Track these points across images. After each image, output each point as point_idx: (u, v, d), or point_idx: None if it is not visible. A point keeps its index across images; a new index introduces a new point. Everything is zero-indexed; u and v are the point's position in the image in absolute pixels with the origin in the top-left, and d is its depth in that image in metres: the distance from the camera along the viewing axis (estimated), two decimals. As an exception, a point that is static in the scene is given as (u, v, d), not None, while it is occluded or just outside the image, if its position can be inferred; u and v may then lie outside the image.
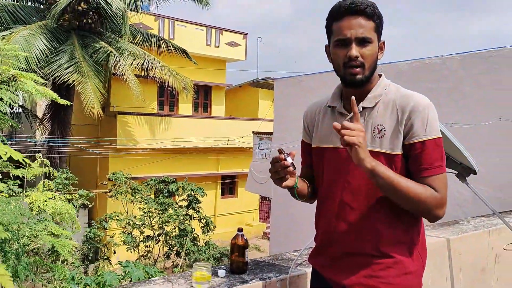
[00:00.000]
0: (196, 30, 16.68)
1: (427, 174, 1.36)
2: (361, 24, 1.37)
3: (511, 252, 2.81)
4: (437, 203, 1.35)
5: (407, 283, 1.42)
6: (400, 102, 1.40)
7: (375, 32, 1.40)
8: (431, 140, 1.36)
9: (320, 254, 1.59)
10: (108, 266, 9.25)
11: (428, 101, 1.40)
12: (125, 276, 3.61)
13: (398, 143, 1.39)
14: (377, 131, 1.41)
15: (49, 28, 11.43)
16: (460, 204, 5.80)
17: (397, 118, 1.39)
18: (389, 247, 1.42)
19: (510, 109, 5.51)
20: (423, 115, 1.37)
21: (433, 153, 1.36)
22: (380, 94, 1.44)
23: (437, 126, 1.38)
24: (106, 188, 12.09)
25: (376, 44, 1.41)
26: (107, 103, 14.21)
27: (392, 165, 1.39)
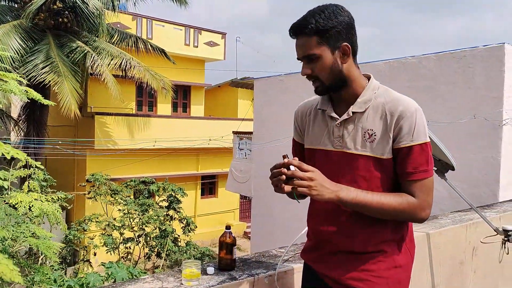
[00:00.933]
0: (174, 30, 16.59)
1: (411, 178, 1.40)
2: (303, 44, 1.42)
3: (488, 245, 2.91)
4: (415, 209, 1.39)
5: (397, 276, 1.47)
6: (389, 107, 1.42)
7: (321, 45, 1.40)
8: (418, 145, 1.39)
9: (312, 250, 1.63)
10: (88, 268, 9.13)
11: (416, 106, 1.42)
12: (108, 277, 3.59)
13: (388, 147, 1.41)
14: (368, 135, 1.44)
15: (24, 27, 11.20)
16: (437, 201, 5.93)
17: (386, 123, 1.41)
18: (379, 244, 1.47)
19: (483, 107, 5.68)
20: (411, 120, 1.39)
21: (419, 158, 1.39)
22: (370, 99, 1.45)
23: (424, 131, 1.41)
24: (84, 190, 11.93)
25: (326, 55, 1.40)
26: (84, 104, 14.01)
27: (382, 168, 1.43)
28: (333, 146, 1.50)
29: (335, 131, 1.50)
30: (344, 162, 1.48)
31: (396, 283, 1.47)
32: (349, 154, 1.46)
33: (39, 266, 3.69)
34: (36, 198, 2.25)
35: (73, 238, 9.03)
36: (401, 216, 1.42)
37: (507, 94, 5.61)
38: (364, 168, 1.44)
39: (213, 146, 13.40)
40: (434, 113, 5.96)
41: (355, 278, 1.46)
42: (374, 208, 1.38)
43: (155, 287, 1.64)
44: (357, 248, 1.48)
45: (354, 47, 1.45)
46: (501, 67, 5.56)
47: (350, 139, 1.47)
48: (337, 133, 1.49)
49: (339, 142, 1.49)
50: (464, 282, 2.92)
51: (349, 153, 1.47)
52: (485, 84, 5.71)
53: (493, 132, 5.61)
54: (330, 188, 1.34)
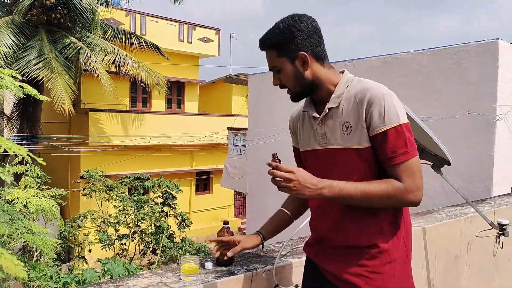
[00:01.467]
0: (168, 26, 16.52)
1: (392, 162, 1.40)
2: (268, 57, 1.54)
3: (483, 239, 2.94)
4: (402, 192, 1.39)
5: (392, 270, 1.48)
6: (359, 96, 1.45)
7: (280, 57, 1.50)
8: (392, 129, 1.39)
9: (313, 244, 1.68)
10: (83, 265, 9.11)
11: (384, 91, 1.43)
12: (105, 273, 3.58)
13: (364, 136, 1.43)
14: (345, 128, 1.47)
15: (17, 23, 11.11)
16: (431, 196, 5.98)
17: (358, 113, 1.44)
18: (374, 238, 1.48)
19: (477, 103, 5.72)
20: (380, 105, 1.40)
21: (396, 141, 1.39)
22: (342, 93, 1.50)
23: (396, 114, 1.41)
24: (79, 187, 11.89)
25: (286, 67, 1.50)
26: (78, 100, 13.93)
27: (363, 158, 1.45)
28: (319, 144, 1.55)
29: (318, 130, 1.55)
30: (330, 159, 1.52)
31: (391, 277, 1.48)
32: (333, 149, 1.51)
33: (35, 262, 3.67)
34: (33, 194, 2.24)
35: (68, 235, 9.01)
36: (391, 202, 1.42)
37: (501, 90, 5.64)
38: (346, 161, 1.47)
39: (207, 142, 13.37)
40: (428, 109, 5.98)
41: (352, 273, 1.48)
42: (360, 198, 1.40)
43: (153, 282, 1.65)
44: (352, 242, 1.50)
45: (317, 53, 1.50)
46: (494, 62, 5.59)
47: (331, 135, 1.51)
48: (320, 131, 1.55)
49: (323, 140, 1.54)
50: (459, 276, 2.95)
51: (332, 149, 1.51)
52: (479, 79, 5.74)
53: (487, 127, 5.65)
54: (311, 187, 1.37)
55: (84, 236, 9.59)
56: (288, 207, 1.80)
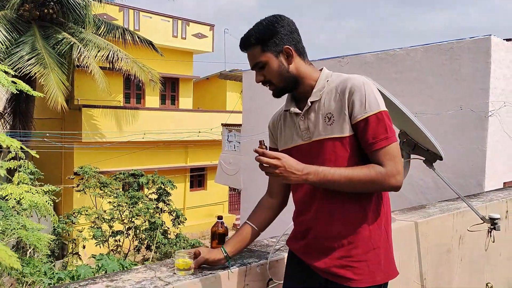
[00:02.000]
0: (162, 21, 16.45)
1: (374, 148, 1.45)
2: (251, 55, 1.57)
3: (475, 234, 2.97)
4: (384, 177, 1.43)
5: (376, 257, 1.53)
6: (340, 87, 1.51)
7: (265, 52, 1.54)
8: (373, 116, 1.45)
9: (297, 239, 1.69)
10: (77, 261, 9.09)
11: (363, 80, 1.50)
12: (99, 269, 3.58)
13: (346, 125, 1.48)
14: (327, 119, 1.52)
15: (9, 18, 11.02)
16: (423, 191, 6.03)
17: (340, 103, 1.49)
18: (357, 226, 1.52)
19: (470, 99, 5.76)
20: (361, 94, 1.46)
21: (377, 127, 1.44)
22: (323, 86, 1.55)
23: (376, 101, 1.46)
24: (72, 183, 11.85)
25: (271, 60, 1.54)
26: (71, 96, 13.87)
27: (346, 147, 1.50)
28: (303, 139, 1.59)
29: (301, 124, 1.59)
30: (314, 151, 1.55)
31: (377, 264, 1.52)
32: (317, 141, 1.55)
33: (29, 258, 3.66)
34: (26, 190, 2.24)
35: (62, 231, 8.99)
36: (373, 186, 1.46)
37: (493, 86, 5.69)
38: (330, 151, 1.51)
39: (202, 138, 13.40)
40: (422, 104, 6.02)
41: (338, 265, 1.52)
42: (344, 183, 1.44)
43: (148, 276, 1.65)
44: (334, 232, 1.53)
45: (299, 48, 1.57)
46: (487, 59, 5.63)
47: (314, 128, 1.55)
48: (303, 126, 1.58)
49: (306, 134, 1.58)
50: (451, 269, 2.98)
51: (316, 141, 1.55)
52: (471, 75, 5.78)
53: (479, 123, 5.69)
54: (296, 173, 1.41)
55: (78, 233, 9.57)
56: (254, 220, 1.77)
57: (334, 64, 7.27)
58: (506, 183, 5.98)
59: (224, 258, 1.70)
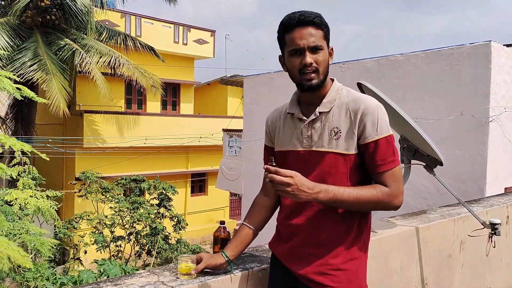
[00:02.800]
0: (163, 27, 16.52)
1: (381, 169, 1.49)
2: (311, 34, 1.49)
3: (476, 239, 2.98)
4: (389, 197, 1.48)
5: (354, 267, 1.56)
6: (352, 106, 1.52)
7: (324, 39, 1.52)
8: (383, 139, 1.48)
9: (282, 242, 1.70)
10: (79, 266, 9.09)
11: (376, 103, 1.52)
12: (101, 274, 3.59)
13: (353, 143, 1.51)
14: (334, 133, 1.53)
15: (11, 24, 11.08)
16: (425, 197, 6.03)
17: (350, 121, 1.51)
18: (342, 236, 1.55)
19: (471, 104, 5.77)
20: (373, 116, 1.48)
21: (386, 150, 1.48)
22: (334, 99, 1.56)
23: (387, 125, 1.50)
24: (74, 188, 11.86)
25: (326, 50, 1.53)
26: (73, 102, 13.91)
27: (348, 164, 1.52)
28: (302, 146, 1.60)
29: (304, 131, 1.59)
30: (312, 160, 1.56)
31: (354, 274, 1.56)
32: (317, 152, 1.55)
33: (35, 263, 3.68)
34: (30, 195, 2.26)
35: (63, 237, 8.99)
36: (378, 206, 1.50)
37: (494, 91, 5.70)
38: (330, 165, 1.53)
39: (203, 144, 13.41)
40: (422, 110, 6.03)
41: (317, 272, 1.55)
42: (352, 203, 1.47)
43: (151, 281, 1.67)
44: (319, 240, 1.56)
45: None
46: (487, 64, 5.65)
47: (317, 138, 1.56)
48: (305, 133, 1.59)
49: (307, 141, 1.58)
50: (452, 275, 2.98)
51: (317, 151, 1.55)
52: (472, 81, 5.80)
53: (480, 128, 5.70)
54: (307, 191, 1.42)
55: (79, 238, 9.56)
56: (251, 221, 1.78)
57: (335, 69, 7.29)
58: (507, 188, 5.98)
59: (225, 262, 1.71)
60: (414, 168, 2.66)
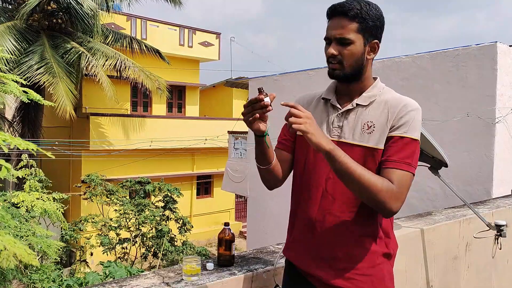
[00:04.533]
0: (168, 30, 16.59)
1: (391, 165, 1.40)
2: (342, 25, 1.45)
3: (481, 240, 2.97)
4: (391, 195, 1.36)
5: (380, 273, 1.50)
6: (391, 103, 1.48)
7: (359, 33, 1.45)
8: (408, 138, 1.42)
9: (298, 245, 1.61)
10: (85, 268, 9.13)
11: (418, 106, 1.49)
12: (107, 276, 3.61)
13: (383, 138, 1.45)
14: (367, 127, 1.48)
15: (18, 28, 11.17)
16: (431, 198, 6.01)
17: (387, 117, 1.46)
18: (365, 240, 1.50)
19: (477, 105, 5.75)
20: (411, 115, 1.45)
21: (407, 150, 1.41)
22: (375, 95, 1.52)
23: (418, 130, 1.46)
24: (80, 191, 11.92)
25: (359, 44, 1.46)
26: (79, 105, 13.99)
27: (375, 159, 1.45)
28: (330, 135, 1.53)
29: (335, 120, 1.54)
30: None
31: (380, 280, 1.49)
32: (346, 143, 1.49)
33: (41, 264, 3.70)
34: (37, 197, 2.28)
35: (70, 239, 9.04)
36: (375, 197, 1.35)
37: (500, 92, 5.67)
38: (358, 159, 1.43)
39: (208, 146, 13.44)
40: (428, 112, 6.01)
41: (341, 276, 1.48)
42: (356, 177, 1.34)
43: (156, 282, 1.68)
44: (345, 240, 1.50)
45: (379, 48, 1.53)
46: (493, 65, 5.63)
47: (348, 130, 1.50)
48: (336, 122, 1.54)
49: (337, 131, 1.53)
50: (458, 277, 2.97)
51: (345, 143, 1.49)
52: (478, 82, 5.77)
53: (487, 130, 5.67)
54: (325, 136, 1.35)
55: (85, 240, 9.61)
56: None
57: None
58: (514, 190, 5.94)
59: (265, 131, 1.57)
60: (420, 170, 2.63)
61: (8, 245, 0.86)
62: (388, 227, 1.56)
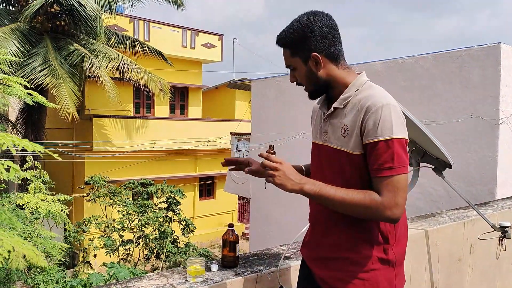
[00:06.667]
0: (171, 32, 16.62)
1: (376, 174, 1.39)
2: (283, 55, 1.56)
3: (485, 242, 2.96)
4: (378, 206, 1.36)
5: (375, 278, 1.47)
6: (361, 103, 1.44)
7: (294, 56, 1.52)
8: (381, 141, 1.37)
9: (305, 244, 1.70)
10: (89, 270, 9.14)
11: (385, 102, 1.40)
12: (111, 277, 3.62)
13: (358, 142, 1.43)
14: (343, 130, 1.47)
15: (21, 30, 11.22)
16: (435, 200, 5.99)
17: (356, 119, 1.43)
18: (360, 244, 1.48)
19: (480, 106, 5.74)
20: (375, 116, 1.38)
21: (384, 154, 1.37)
22: (350, 96, 1.49)
23: (390, 127, 1.37)
24: (83, 192, 11.94)
25: (299, 66, 1.52)
26: (82, 106, 14.03)
27: (353, 164, 1.45)
28: (322, 140, 1.59)
29: (323, 126, 1.59)
30: (326, 156, 1.55)
31: (374, 285, 1.47)
32: (330, 148, 1.53)
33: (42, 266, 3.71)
34: (42, 199, 2.29)
35: (73, 240, 9.05)
36: (366, 213, 1.39)
37: (503, 93, 5.66)
38: (339, 163, 1.49)
39: (211, 147, 13.44)
40: (431, 113, 6.01)
41: (335, 278, 1.51)
42: (338, 202, 1.39)
43: (161, 283, 1.68)
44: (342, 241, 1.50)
45: (331, 53, 1.49)
46: (497, 66, 5.61)
47: (331, 134, 1.53)
48: (323, 127, 1.58)
49: (325, 136, 1.57)
50: (462, 278, 2.96)
51: (329, 147, 1.54)
52: (481, 83, 5.76)
53: (490, 131, 5.66)
54: (294, 180, 1.41)
55: (88, 241, 9.62)
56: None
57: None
58: (517, 191, 5.92)
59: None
60: (424, 171, 2.64)
61: (16, 246, 0.86)
62: (390, 232, 1.51)
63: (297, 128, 7.01)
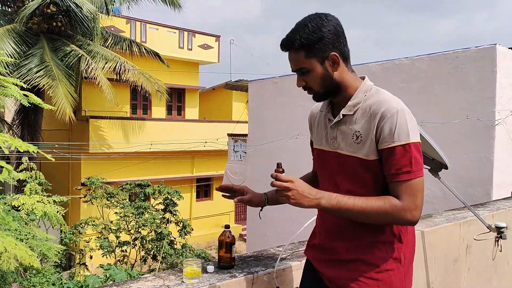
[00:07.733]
0: (168, 33, 16.61)
1: (395, 179, 1.40)
2: (293, 59, 1.50)
3: (481, 242, 2.97)
4: (399, 211, 1.38)
5: (388, 278, 1.48)
6: (373, 109, 1.44)
7: (309, 58, 1.46)
8: (399, 146, 1.38)
9: (313, 247, 1.70)
10: (85, 272, 9.11)
11: (399, 107, 1.42)
12: (107, 279, 3.60)
13: (372, 149, 1.43)
14: (355, 137, 1.47)
15: (18, 31, 11.18)
16: (431, 201, 6.00)
17: (370, 125, 1.44)
18: (375, 245, 1.50)
19: (476, 108, 5.75)
20: (391, 121, 1.39)
21: (401, 159, 1.38)
22: (359, 102, 1.49)
23: (407, 132, 1.39)
24: (80, 193, 11.91)
25: (315, 67, 1.47)
26: (79, 107, 13.99)
27: (369, 169, 1.46)
28: (330, 146, 1.57)
29: (330, 132, 1.57)
30: (337, 163, 1.54)
31: (387, 285, 1.48)
32: (341, 154, 1.52)
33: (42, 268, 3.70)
34: (38, 200, 2.28)
35: (69, 242, 9.02)
36: (386, 219, 1.41)
37: (499, 95, 5.68)
38: (352, 169, 1.48)
39: (208, 148, 13.43)
40: (428, 114, 6.02)
41: (348, 278, 1.50)
42: (357, 213, 1.40)
43: (157, 285, 1.67)
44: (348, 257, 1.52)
45: (344, 53, 1.49)
46: (493, 67, 5.64)
47: (341, 141, 1.52)
48: (332, 134, 1.56)
49: (333, 143, 1.55)
50: (458, 279, 2.97)
51: (340, 154, 1.52)
52: (477, 84, 5.78)
53: (486, 132, 5.68)
54: (309, 197, 1.38)
55: (85, 243, 9.59)
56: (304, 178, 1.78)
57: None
58: (514, 192, 5.94)
59: (263, 203, 1.78)
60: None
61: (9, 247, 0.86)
62: (402, 232, 1.53)
63: (294, 129, 7.01)
